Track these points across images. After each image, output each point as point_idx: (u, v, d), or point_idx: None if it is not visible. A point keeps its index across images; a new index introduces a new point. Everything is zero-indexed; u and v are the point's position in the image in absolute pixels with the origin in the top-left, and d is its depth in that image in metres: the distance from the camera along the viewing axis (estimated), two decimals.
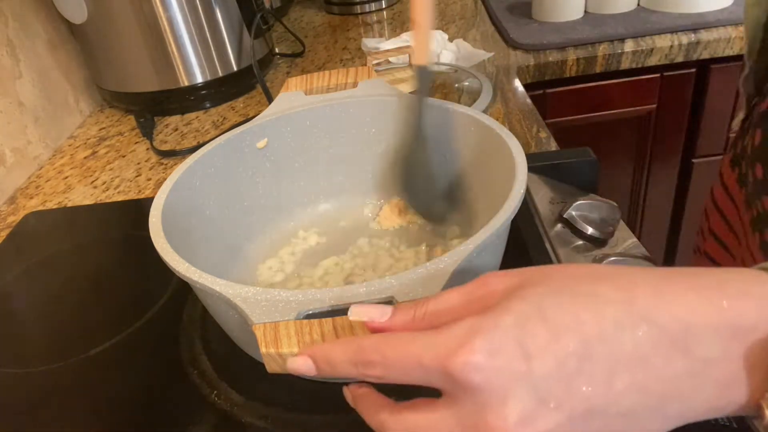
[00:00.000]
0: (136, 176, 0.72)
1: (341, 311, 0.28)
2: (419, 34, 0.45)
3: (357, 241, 0.49)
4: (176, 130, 0.83)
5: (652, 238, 1.17)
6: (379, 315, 0.25)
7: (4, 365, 0.45)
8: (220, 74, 0.86)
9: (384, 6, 1.22)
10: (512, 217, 0.34)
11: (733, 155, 0.49)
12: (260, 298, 0.29)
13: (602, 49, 0.90)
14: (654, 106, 0.98)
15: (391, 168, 0.51)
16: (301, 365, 0.25)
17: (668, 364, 0.20)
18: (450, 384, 0.22)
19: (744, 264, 0.45)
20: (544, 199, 0.53)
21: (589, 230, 0.48)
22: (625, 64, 0.91)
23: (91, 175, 0.74)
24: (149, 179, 0.71)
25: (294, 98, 0.51)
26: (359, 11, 1.21)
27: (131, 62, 0.82)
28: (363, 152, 0.52)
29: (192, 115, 0.86)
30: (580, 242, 0.48)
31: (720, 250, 0.50)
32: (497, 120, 0.52)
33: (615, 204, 0.45)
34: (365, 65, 0.54)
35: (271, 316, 0.28)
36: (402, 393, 0.24)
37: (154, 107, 0.86)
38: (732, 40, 0.90)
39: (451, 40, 0.94)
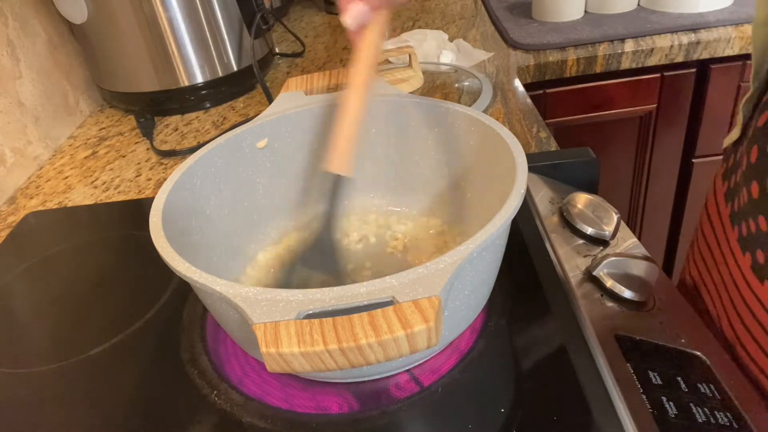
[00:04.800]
0: (137, 176, 0.72)
1: (342, 311, 0.28)
2: (340, 139, 0.41)
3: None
4: (176, 130, 0.82)
5: (652, 238, 1.17)
6: None
7: (4, 365, 0.45)
8: (220, 74, 0.86)
9: None
10: (512, 217, 0.34)
11: (725, 169, 0.49)
12: (260, 297, 0.29)
13: (602, 49, 0.90)
14: (654, 106, 0.98)
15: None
16: None
17: None
18: None
19: (724, 280, 0.44)
20: (544, 199, 0.53)
21: (589, 230, 0.48)
22: (625, 64, 0.91)
23: (91, 175, 0.74)
24: (149, 179, 0.71)
25: (294, 98, 0.51)
26: None
27: (131, 62, 0.82)
28: (363, 152, 0.52)
29: (192, 115, 0.86)
30: (581, 242, 0.48)
31: (708, 254, 0.49)
32: (497, 120, 0.52)
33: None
34: None
35: (271, 316, 0.28)
36: None
37: (154, 107, 0.86)
38: (732, 40, 0.90)
39: (451, 40, 0.94)
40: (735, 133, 0.47)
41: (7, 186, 0.72)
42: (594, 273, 0.43)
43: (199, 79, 0.85)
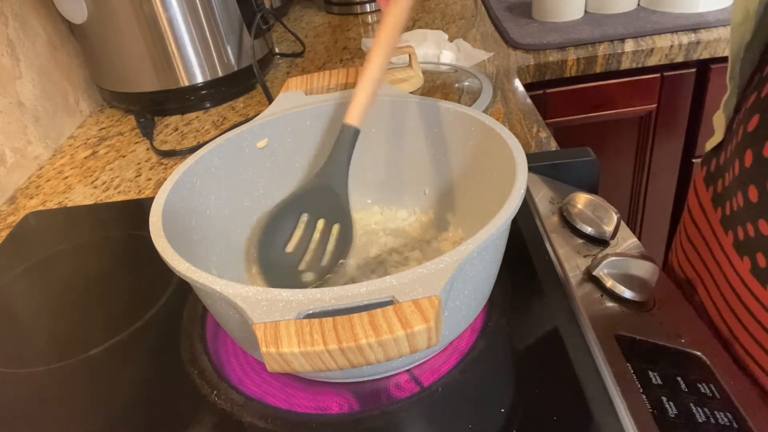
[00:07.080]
0: (136, 176, 0.72)
1: (342, 311, 0.28)
2: (360, 95, 0.44)
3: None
4: (176, 130, 0.82)
5: (652, 238, 1.17)
6: None
7: (4, 365, 0.45)
8: (220, 74, 0.86)
9: None
10: (512, 217, 0.34)
11: (706, 173, 0.48)
12: (260, 297, 0.29)
13: (602, 49, 0.90)
14: (654, 106, 0.98)
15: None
16: None
17: None
18: None
19: (717, 284, 0.44)
20: (544, 199, 0.53)
21: (589, 230, 0.48)
22: (625, 64, 0.91)
23: (91, 175, 0.74)
24: (149, 179, 0.71)
25: (294, 98, 0.51)
26: (359, 11, 1.21)
27: (131, 62, 0.82)
28: (362, 153, 0.52)
29: (192, 115, 0.86)
30: (581, 242, 0.48)
31: (694, 255, 0.49)
32: (497, 120, 0.52)
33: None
34: None
35: (271, 316, 0.28)
36: None
37: (154, 107, 0.86)
38: None
39: (451, 40, 0.94)
40: (717, 138, 0.47)
41: (7, 186, 0.72)
42: (594, 273, 0.43)
43: (199, 79, 0.85)
